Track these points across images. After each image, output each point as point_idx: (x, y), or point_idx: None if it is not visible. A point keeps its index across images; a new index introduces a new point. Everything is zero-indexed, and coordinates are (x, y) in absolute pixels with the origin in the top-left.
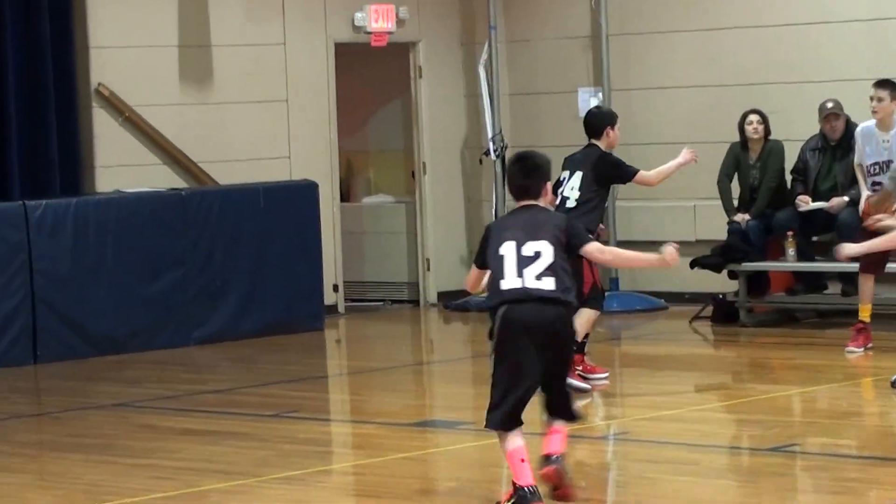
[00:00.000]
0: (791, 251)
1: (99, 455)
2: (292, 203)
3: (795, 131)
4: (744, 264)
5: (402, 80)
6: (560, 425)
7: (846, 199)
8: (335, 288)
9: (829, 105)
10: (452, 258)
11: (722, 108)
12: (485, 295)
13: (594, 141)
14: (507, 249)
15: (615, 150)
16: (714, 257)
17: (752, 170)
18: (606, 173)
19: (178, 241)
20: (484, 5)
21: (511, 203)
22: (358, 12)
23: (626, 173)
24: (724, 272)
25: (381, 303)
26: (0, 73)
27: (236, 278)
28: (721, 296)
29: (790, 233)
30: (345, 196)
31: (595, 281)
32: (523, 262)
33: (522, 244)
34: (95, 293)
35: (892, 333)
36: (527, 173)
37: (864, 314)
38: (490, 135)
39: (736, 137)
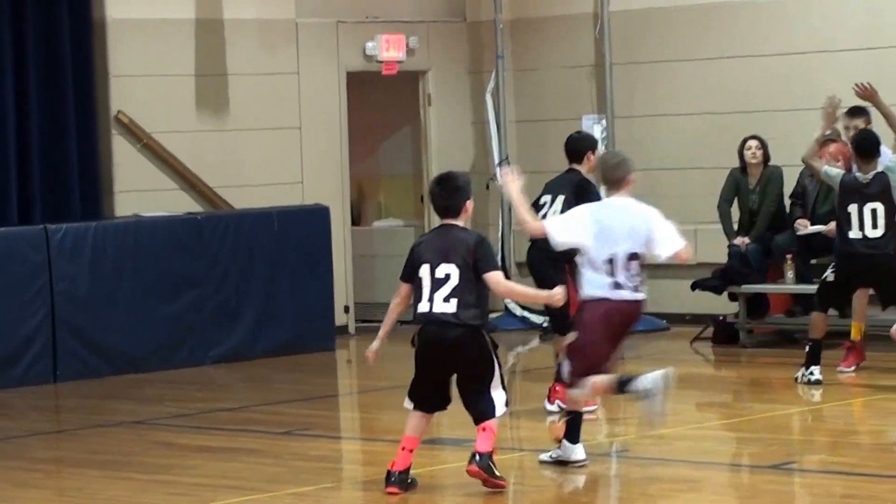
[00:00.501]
0: (790, 274)
1: (117, 471)
2: (305, 226)
3: (794, 157)
4: (744, 287)
5: (412, 108)
6: (489, 422)
7: None
8: (346, 309)
9: (827, 132)
10: None
11: (722, 134)
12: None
13: (575, 165)
14: (424, 272)
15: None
16: (714, 280)
17: (751, 194)
18: (588, 200)
19: (194, 263)
20: (491, 35)
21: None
22: (369, 42)
23: None
24: (725, 294)
25: None
26: (23, 100)
27: (250, 300)
28: (721, 317)
29: (789, 256)
30: (356, 220)
31: None
32: (435, 284)
33: (436, 266)
34: (114, 314)
35: (886, 354)
36: (448, 194)
37: (855, 333)
38: (497, 161)
39: (736, 163)
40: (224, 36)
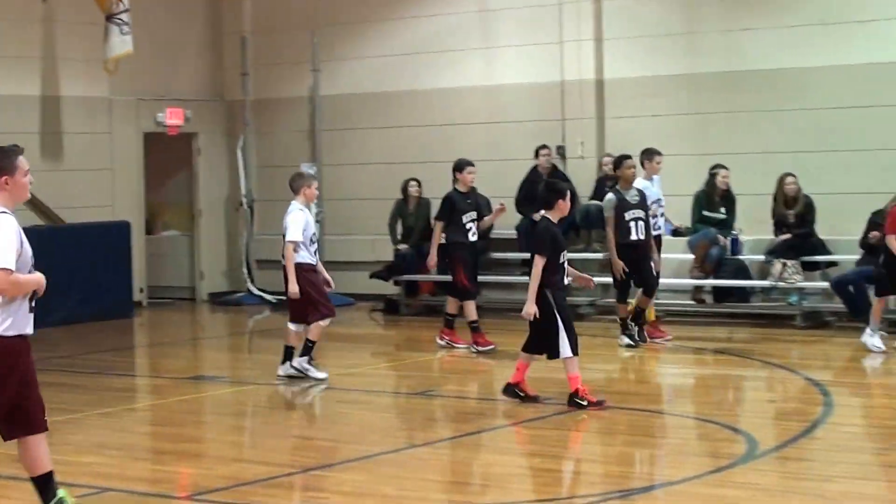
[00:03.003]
0: (434, 270)
1: None
2: (114, 235)
3: (437, 191)
4: (403, 276)
5: (187, 157)
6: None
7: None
8: (141, 290)
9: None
10: (217, 271)
11: (394, 176)
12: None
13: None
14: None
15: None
16: (384, 272)
17: (410, 216)
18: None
19: (40, 258)
20: (241, 109)
21: (261, 239)
22: (159, 113)
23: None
24: (392, 281)
25: (171, 300)
26: None
27: (78, 282)
28: (389, 296)
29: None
30: (149, 230)
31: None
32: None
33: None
34: None
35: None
36: (546, 192)
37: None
38: (244, 192)
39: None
40: (60, 107)
